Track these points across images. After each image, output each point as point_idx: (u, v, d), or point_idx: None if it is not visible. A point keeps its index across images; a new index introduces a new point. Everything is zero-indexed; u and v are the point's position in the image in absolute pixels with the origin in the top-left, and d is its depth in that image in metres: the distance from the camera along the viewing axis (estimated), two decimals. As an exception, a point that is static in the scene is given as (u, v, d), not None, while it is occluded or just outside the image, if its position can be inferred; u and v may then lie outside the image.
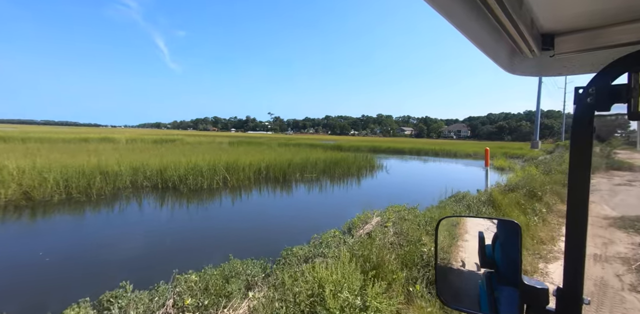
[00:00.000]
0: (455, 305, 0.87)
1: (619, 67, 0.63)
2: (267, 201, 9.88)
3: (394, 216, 5.86)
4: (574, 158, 0.67)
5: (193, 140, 39.45)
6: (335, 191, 11.74)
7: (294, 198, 10.44)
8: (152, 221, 7.48)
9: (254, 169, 13.14)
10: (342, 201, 10.22)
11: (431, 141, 70.45)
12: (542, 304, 0.74)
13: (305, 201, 10.11)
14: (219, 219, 7.80)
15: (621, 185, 10.75)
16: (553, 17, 0.76)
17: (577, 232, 0.67)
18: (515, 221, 0.82)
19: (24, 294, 4.01)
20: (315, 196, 10.78)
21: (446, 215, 3.83)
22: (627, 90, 0.62)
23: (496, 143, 58.07)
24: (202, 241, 6.35)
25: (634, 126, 4.56)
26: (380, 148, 36.60)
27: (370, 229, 5.14)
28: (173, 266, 3.30)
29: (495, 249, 0.88)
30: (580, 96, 0.66)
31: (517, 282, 0.75)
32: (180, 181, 10.63)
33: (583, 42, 0.81)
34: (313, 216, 8.33)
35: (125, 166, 10.71)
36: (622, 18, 0.71)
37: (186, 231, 6.91)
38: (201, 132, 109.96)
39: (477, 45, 0.80)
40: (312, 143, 39.95)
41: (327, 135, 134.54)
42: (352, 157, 18.66)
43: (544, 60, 0.94)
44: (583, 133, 0.66)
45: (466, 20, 0.68)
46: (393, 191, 12.05)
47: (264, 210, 8.80)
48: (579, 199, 0.66)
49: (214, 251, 5.60)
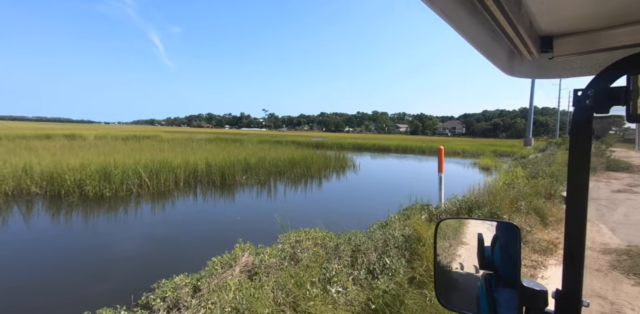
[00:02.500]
0: (454, 307, 0.86)
1: (617, 70, 0.62)
2: (170, 216, 7.62)
3: (287, 252, 3.86)
4: (573, 160, 0.66)
5: (169, 137, 37.68)
6: (270, 200, 9.53)
7: (207, 210, 8.16)
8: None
9: (190, 171, 11.09)
10: (262, 216, 8.01)
11: (423, 138, 68.57)
12: (541, 306, 0.73)
13: (217, 214, 7.86)
14: (71, 248, 5.65)
15: (621, 191, 8.84)
16: (551, 19, 0.76)
17: (576, 235, 0.65)
18: (514, 223, 0.82)
19: None
20: (235, 207, 8.61)
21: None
22: (626, 92, 0.60)
23: (490, 140, 56.43)
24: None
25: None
26: (366, 146, 34.58)
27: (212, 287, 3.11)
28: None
29: (494, 251, 0.89)
30: (579, 98, 0.65)
31: (516, 284, 0.75)
32: (77, 187, 8.51)
33: (582, 44, 0.82)
34: (200, 239, 6.18)
35: (13, 168, 8.62)
36: (621, 20, 0.73)
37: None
38: (190, 129, 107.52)
39: (476, 48, 0.81)
40: (296, 140, 37.95)
41: (321, 132, 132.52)
42: (320, 156, 16.62)
43: (542, 63, 0.97)
44: (582, 135, 0.65)
45: (465, 23, 0.68)
46: (344, 199, 10.04)
47: (153, 230, 6.63)
48: (578, 201, 0.65)
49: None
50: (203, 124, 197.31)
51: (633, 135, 9.28)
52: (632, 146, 15.93)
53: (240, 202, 9.10)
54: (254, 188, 10.99)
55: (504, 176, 11.02)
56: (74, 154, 11.94)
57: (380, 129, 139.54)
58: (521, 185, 7.96)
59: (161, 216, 7.56)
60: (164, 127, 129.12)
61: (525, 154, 23.13)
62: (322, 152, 19.65)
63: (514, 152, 26.50)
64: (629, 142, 13.44)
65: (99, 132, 40.53)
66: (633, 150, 16.26)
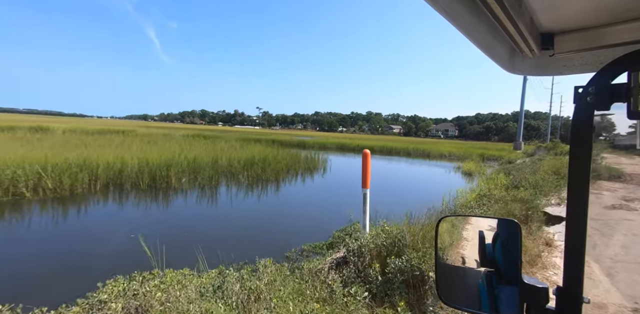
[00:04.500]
0: (455, 304, 0.86)
1: (618, 66, 0.61)
2: (37, 230, 5.96)
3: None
4: (573, 157, 0.65)
5: (145, 132, 36.10)
6: (192, 211, 7.75)
7: (95, 225, 6.26)
8: None
9: (115, 172, 9.37)
10: (165, 235, 6.51)
11: (413, 139, 67.25)
12: (542, 303, 0.72)
13: (105, 231, 6.07)
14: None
15: (616, 208, 7.34)
16: (552, 16, 0.77)
17: (576, 232, 0.64)
18: (515, 220, 0.81)
19: None
20: (142, 221, 6.94)
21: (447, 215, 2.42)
22: (627, 89, 0.60)
23: (481, 143, 55.33)
24: None
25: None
26: (350, 146, 32.96)
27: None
28: None
29: (495, 248, 0.88)
30: (580, 95, 0.64)
31: (517, 281, 0.74)
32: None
33: (583, 41, 0.82)
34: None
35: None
36: (622, 17, 0.73)
37: None
38: (181, 125, 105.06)
39: (478, 46, 0.80)
40: (279, 139, 36.13)
41: (314, 131, 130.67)
42: (287, 157, 14.96)
43: (543, 60, 0.97)
44: (583, 132, 0.64)
45: (467, 21, 0.69)
46: (285, 212, 8.25)
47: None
48: (579, 198, 0.64)
49: None
50: (196, 120, 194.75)
51: (623, 141, 7.61)
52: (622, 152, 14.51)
53: (153, 214, 7.37)
54: (191, 194, 9.29)
55: (482, 185, 9.51)
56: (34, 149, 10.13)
57: (373, 130, 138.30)
58: (493, 199, 6.42)
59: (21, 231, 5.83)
60: (154, 123, 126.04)
61: (513, 158, 21.73)
62: (296, 153, 18.02)
63: (502, 156, 25.12)
64: (619, 148, 12.02)
65: (70, 125, 38.40)
66: (624, 156, 14.83)
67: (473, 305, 0.83)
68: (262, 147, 19.36)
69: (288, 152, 17.36)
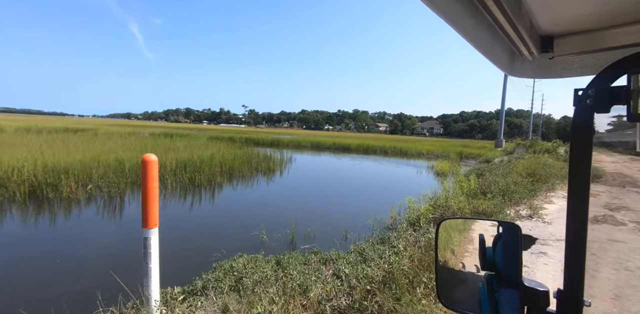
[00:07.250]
0: (456, 307, 0.84)
1: (618, 69, 0.61)
2: None
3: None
4: (573, 159, 0.65)
5: (108, 130, 33.75)
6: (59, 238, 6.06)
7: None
8: None
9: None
10: None
11: (398, 137, 66.33)
12: (542, 306, 0.71)
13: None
14: None
15: (599, 221, 5.98)
16: (552, 19, 0.77)
17: (577, 234, 0.64)
18: (515, 222, 0.80)
19: None
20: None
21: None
22: (627, 92, 0.60)
23: (464, 141, 54.77)
24: None
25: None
26: (325, 144, 31.35)
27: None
28: None
29: (495, 252, 0.87)
30: (580, 98, 0.64)
31: (517, 284, 0.73)
32: None
33: (582, 44, 0.82)
34: None
35: None
36: (621, 20, 0.73)
37: None
38: (163, 124, 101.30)
39: (477, 48, 0.80)
40: (251, 137, 34.28)
41: (300, 129, 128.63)
42: (231, 158, 13.21)
43: (543, 63, 0.97)
44: (583, 135, 0.64)
45: (466, 24, 0.69)
46: (198, 229, 6.64)
47: None
48: (579, 201, 0.64)
49: None
50: (181, 119, 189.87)
51: (623, 144, 6.19)
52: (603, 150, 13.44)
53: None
54: (86, 206, 7.43)
55: (446, 190, 8.08)
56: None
57: (360, 128, 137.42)
58: (450, 211, 4.93)
59: None
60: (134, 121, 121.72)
61: (491, 157, 20.60)
62: (257, 153, 16.32)
63: (481, 154, 24.02)
64: (618, 151, 10.92)
65: (26, 124, 35.63)
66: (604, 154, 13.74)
67: (473, 308, 0.82)
68: (224, 147, 17.52)
69: (246, 152, 15.65)
